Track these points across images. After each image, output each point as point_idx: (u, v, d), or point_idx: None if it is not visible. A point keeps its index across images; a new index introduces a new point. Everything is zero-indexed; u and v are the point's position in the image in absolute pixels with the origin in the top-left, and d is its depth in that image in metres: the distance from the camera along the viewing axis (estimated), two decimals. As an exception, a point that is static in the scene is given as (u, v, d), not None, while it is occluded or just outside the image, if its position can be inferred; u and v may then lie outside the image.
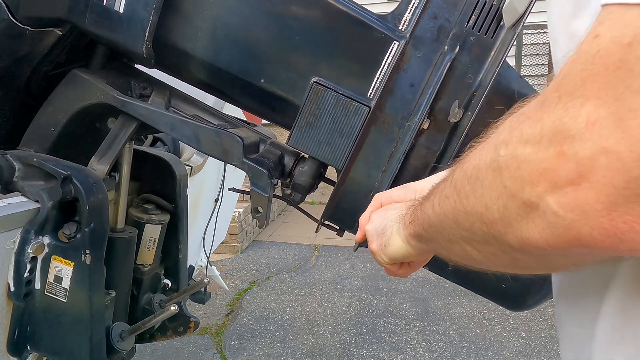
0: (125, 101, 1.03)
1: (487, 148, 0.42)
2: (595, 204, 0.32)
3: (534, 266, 0.44)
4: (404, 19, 0.93)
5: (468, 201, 0.44)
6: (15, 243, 0.93)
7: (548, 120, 0.35)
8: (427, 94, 0.92)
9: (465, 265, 0.55)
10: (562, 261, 0.41)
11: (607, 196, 0.31)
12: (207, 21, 0.99)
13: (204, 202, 2.11)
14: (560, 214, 0.34)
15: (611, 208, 0.32)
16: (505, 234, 0.40)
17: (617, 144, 0.30)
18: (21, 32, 0.99)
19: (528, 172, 0.36)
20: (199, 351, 3.16)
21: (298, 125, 0.96)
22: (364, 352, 3.16)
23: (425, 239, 0.59)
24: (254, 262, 4.78)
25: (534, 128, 0.36)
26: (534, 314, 3.57)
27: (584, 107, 0.32)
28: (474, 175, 0.43)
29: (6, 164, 0.96)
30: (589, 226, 0.33)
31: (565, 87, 0.34)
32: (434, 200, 0.53)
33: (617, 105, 0.31)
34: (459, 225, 0.47)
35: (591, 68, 0.32)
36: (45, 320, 0.99)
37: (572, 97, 0.33)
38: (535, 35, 5.95)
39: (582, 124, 0.32)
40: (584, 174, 0.32)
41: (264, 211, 0.99)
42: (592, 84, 0.32)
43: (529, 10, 0.83)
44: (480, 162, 0.42)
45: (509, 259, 0.43)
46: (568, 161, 0.33)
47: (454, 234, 0.49)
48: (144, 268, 1.28)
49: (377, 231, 0.71)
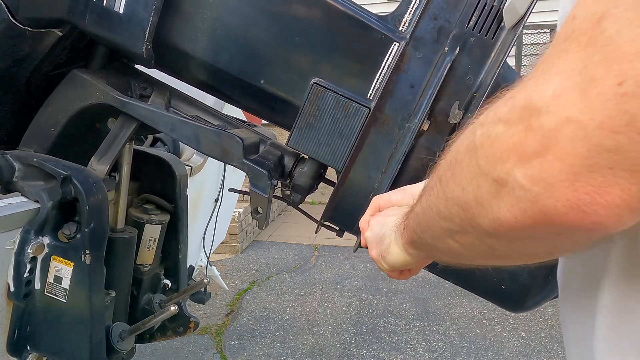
0: (125, 101, 1.03)
1: (467, 132, 0.42)
2: (559, 174, 0.32)
3: (509, 255, 0.44)
4: (404, 20, 0.93)
5: (448, 187, 0.44)
6: (15, 243, 0.93)
7: (519, 97, 0.36)
8: (427, 95, 0.92)
9: (453, 263, 0.56)
10: (535, 247, 0.41)
11: (571, 166, 0.32)
12: (207, 22, 0.98)
13: (204, 202, 2.11)
14: (527, 187, 0.34)
15: (574, 179, 0.32)
16: (479, 215, 0.40)
17: (580, 113, 0.31)
18: (21, 32, 0.99)
19: (499, 149, 0.36)
20: (199, 351, 3.16)
21: (298, 126, 0.96)
22: (364, 352, 3.16)
23: (417, 243, 0.59)
24: (254, 262, 4.78)
25: (506, 106, 0.37)
26: (534, 314, 3.57)
27: (552, 82, 0.33)
28: (453, 159, 0.44)
29: (6, 164, 0.96)
30: (554, 198, 0.33)
31: (540, 67, 0.35)
32: (422, 197, 0.53)
33: (581, 77, 0.31)
34: (440, 215, 0.47)
35: (567, 48, 0.33)
36: (45, 320, 0.99)
37: (544, 74, 0.34)
38: (535, 35, 5.94)
39: (548, 97, 0.33)
40: (549, 145, 0.33)
41: (263, 212, 0.99)
42: (564, 60, 0.33)
43: (530, 11, 0.83)
44: (459, 146, 0.43)
45: (486, 247, 0.43)
46: (534, 134, 0.33)
47: (437, 228, 0.49)
48: (144, 268, 1.28)
49: (376, 238, 0.71)
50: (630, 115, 0.29)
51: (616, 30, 0.30)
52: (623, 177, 0.31)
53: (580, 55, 0.32)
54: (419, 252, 0.62)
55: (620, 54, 0.29)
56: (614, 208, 0.31)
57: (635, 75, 0.29)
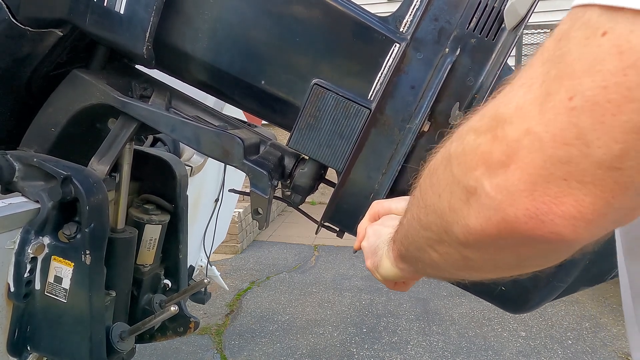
0: (126, 102, 1.02)
1: (445, 143, 0.44)
2: (519, 184, 0.34)
3: (483, 266, 0.45)
4: (405, 21, 0.93)
5: (427, 195, 0.46)
6: (16, 243, 0.93)
7: (489, 108, 0.38)
8: (428, 96, 0.92)
9: (438, 277, 0.57)
10: (504, 257, 0.42)
11: (529, 176, 0.33)
12: (208, 22, 0.98)
13: (204, 202, 2.11)
14: (492, 195, 0.35)
15: (532, 188, 0.33)
16: (452, 222, 0.41)
17: (537, 124, 0.32)
18: (22, 32, 0.98)
19: (470, 158, 0.38)
20: (199, 351, 3.16)
21: (298, 127, 0.96)
22: (364, 352, 3.16)
23: (405, 256, 0.60)
24: (254, 262, 4.78)
25: (478, 116, 0.39)
26: (534, 314, 3.58)
27: (516, 94, 0.35)
28: (432, 168, 0.46)
29: (6, 164, 0.96)
30: (514, 207, 0.34)
31: (514, 80, 0.37)
32: (408, 209, 0.54)
33: (540, 90, 0.33)
34: (421, 223, 0.48)
35: (533, 63, 0.35)
36: (45, 320, 0.99)
37: (512, 86, 0.36)
38: (536, 35, 5.94)
39: (512, 108, 0.35)
40: (511, 155, 0.34)
41: (264, 212, 0.99)
42: (528, 74, 0.35)
43: (531, 12, 0.83)
44: (438, 156, 0.45)
45: (461, 257, 0.44)
46: (500, 143, 0.35)
47: (420, 238, 0.50)
48: (144, 268, 1.28)
49: (371, 249, 0.72)
50: (579, 129, 0.30)
51: (568, 49, 0.32)
52: (576, 188, 0.32)
53: (541, 70, 0.34)
54: (408, 266, 0.62)
55: (571, 71, 0.31)
56: (570, 219, 0.32)
57: (583, 90, 0.30)
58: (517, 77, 0.36)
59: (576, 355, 3.07)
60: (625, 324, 0.61)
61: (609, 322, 3.50)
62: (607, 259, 1.06)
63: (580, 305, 3.74)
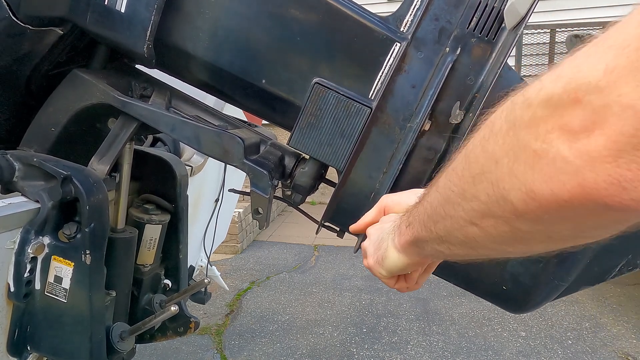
0: (126, 101, 1.02)
1: (503, 107, 0.41)
2: (603, 150, 0.32)
3: (533, 237, 0.44)
4: (406, 21, 0.93)
5: (477, 163, 0.44)
6: (16, 243, 0.93)
7: (567, 69, 0.35)
8: (429, 95, 0.92)
9: (461, 257, 0.55)
10: (562, 229, 0.41)
11: (616, 143, 0.32)
12: (209, 22, 0.98)
13: (204, 202, 2.11)
14: (570, 160, 0.34)
15: (617, 155, 0.32)
16: (511, 189, 0.39)
17: (631, 91, 0.31)
18: (22, 31, 0.98)
19: (543, 120, 0.36)
20: (199, 351, 3.16)
21: (299, 126, 0.96)
22: (364, 352, 3.16)
23: (422, 239, 0.59)
24: (254, 262, 4.78)
25: (552, 75, 0.36)
26: (534, 314, 3.57)
27: (605, 56, 0.33)
28: (487, 134, 0.43)
29: (6, 164, 0.96)
30: (595, 172, 0.33)
31: (595, 40, 0.34)
32: (437, 186, 0.53)
33: (636, 55, 0.31)
34: (464, 195, 0.46)
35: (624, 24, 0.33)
36: (45, 320, 0.99)
37: (596, 47, 0.34)
38: (535, 35, 5.94)
39: (600, 72, 0.32)
40: (597, 122, 0.32)
41: (264, 212, 0.99)
42: (620, 35, 0.33)
43: (531, 12, 0.83)
44: (494, 121, 0.42)
45: (509, 229, 0.43)
46: (583, 108, 0.33)
47: (458, 212, 0.48)
48: (144, 268, 1.28)
49: (375, 245, 0.71)
50: None
51: None
52: None
53: (636, 32, 0.31)
54: (422, 250, 0.61)
55: None
56: None
57: None
58: (602, 37, 0.34)
59: (576, 355, 3.07)
60: None
61: (609, 322, 3.50)
62: (608, 257, 1.05)
63: (580, 305, 3.74)
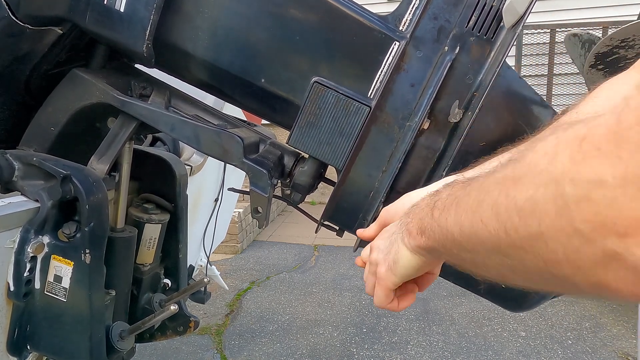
0: (125, 101, 1.02)
1: (543, 178, 0.36)
2: None
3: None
4: (405, 20, 0.93)
5: (518, 234, 0.39)
6: (15, 242, 0.93)
7: (632, 162, 0.29)
8: (428, 94, 0.92)
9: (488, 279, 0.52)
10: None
11: None
12: (208, 21, 0.98)
13: (204, 201, 2.11)
14: None
15: None
16: (573, 275, 0.35)
17: None
18: (21, 30, 0.98)
19: (612, 220, 0.31)
20: (199, 351, 3.16)
21: (298, 125, 0.96)
22: (364, 352, 3.16)
23: (443, 253, 0.55)
24: (254, 262, 4.78)
25: (613, 168, 0.30)
26: (534, 314, 3.58)
27: None
28: (527, 208, 0.37)
29: (6, 164, 0.96)
30: None
31: None
32: (459, 217, 0.48)
33: None
34: (501, 253, 0.42)
35: None
36: (45, 319, 0.99)
37: None
38: (535, 35, 5.95)
39: None
40: None
41: (263, 211, 0.99)
42: None
43: (529, 11, 0.83)
44: (537, 195, 0.36)
45: (547, 278, 0.39)
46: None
47: (491, 259, 0.45)
48: (144, 267, 1.28)
49: (383, 252, 0.66)
50: None
51: None
52: None
53: None
54: (437, 256, 0.58)
55: None
56: None
57: None
58: None
59: (576, 355, 3.07)
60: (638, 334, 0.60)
61: (609, 322, 3.50)
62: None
63: (580, 305, 3.74)
